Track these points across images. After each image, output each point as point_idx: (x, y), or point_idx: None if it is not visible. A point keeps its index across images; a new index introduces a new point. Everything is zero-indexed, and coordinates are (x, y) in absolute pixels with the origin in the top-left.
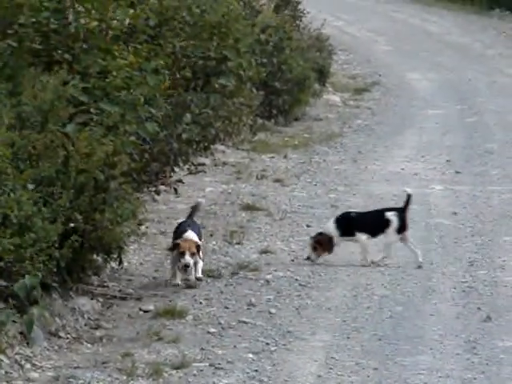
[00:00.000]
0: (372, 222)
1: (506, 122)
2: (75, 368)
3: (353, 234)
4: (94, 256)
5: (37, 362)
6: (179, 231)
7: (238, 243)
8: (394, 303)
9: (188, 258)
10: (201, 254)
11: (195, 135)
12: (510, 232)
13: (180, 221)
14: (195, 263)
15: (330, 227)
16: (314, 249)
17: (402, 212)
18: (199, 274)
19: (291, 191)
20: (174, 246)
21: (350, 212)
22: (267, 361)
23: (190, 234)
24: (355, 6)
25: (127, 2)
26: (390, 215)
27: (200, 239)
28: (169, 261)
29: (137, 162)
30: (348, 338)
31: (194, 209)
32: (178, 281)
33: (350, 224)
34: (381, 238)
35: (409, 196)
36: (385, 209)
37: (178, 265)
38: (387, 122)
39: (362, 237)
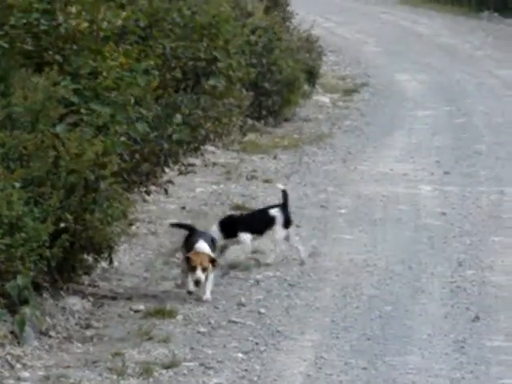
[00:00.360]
0: (256, 221)
1: (495, 123)
2: (66, 367)
3: (236, 235)
4: (85, 256)
5: (27, 362)
6: (191, 241)
7: None
8: (382, 303)
9: (199, 273)
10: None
11: (185, 136)
12: (499, 232)
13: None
14: (206, 277)
15: (214, 231)
16: None
17: (284, 208)
18: (207, 295)
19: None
20: (186, 260)
21: (232, 214)
22: (257, 360)
23: (202, 246)
24: (344, 8)
25: (117, 3)
26: (274, 212)
27: (213, 250)
28: (180, 269)
29: (127, 162)
30: (337, 337)
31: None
32: (191, 287)
33: (233, 226)
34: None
35: (284, 192)
36: (267, 207)
37: (192, 278)
38: (376, 122)
39: (245, 236)
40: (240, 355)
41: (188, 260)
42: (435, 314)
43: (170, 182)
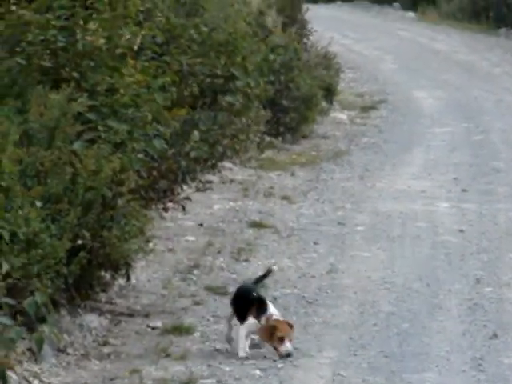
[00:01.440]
0: None
1: None
2: None
3: None
4: (102, 273)
5: (45, 379)
6: (252, 300)
7: (246, 260)
8: (400, 320)
9: (289, 346)
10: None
11: (203, 153)
12: None
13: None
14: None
15: None
16: None
17: None
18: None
19: (298, 208)
20: (270, 329)
21: None
22: (274, 377)
23: (275, 311)
24: (362, 25)
25: (135, 20)
26: None
27: None
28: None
29: (144, 179)
30: (355, 354)
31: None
32: (244, 353)
33: None
34: None
35: None
36: None
37: (279, 351)
38: (394, 139)
39: None
40: (257, 372)
41: (273, 329)
42: (453, 331)
43: (187, 198)
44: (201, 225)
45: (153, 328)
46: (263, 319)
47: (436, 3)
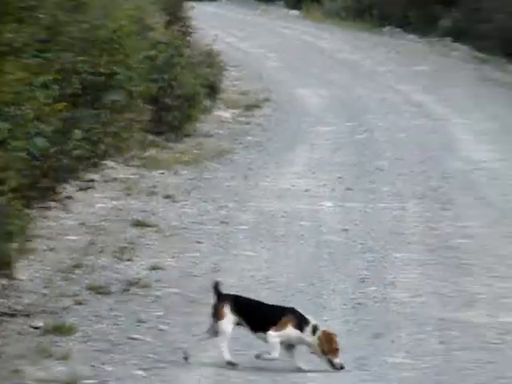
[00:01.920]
0: None
1: (396, 139)
2: None
3: None
4: None
5: None
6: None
7: (128, 259)
8: None
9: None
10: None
11: (85, 151)
12: (401, 249)
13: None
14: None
15: None
16: None
17: None
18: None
19: (181, 207)
20: (329, 341)
21: None
22: (157, 377)
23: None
24: (247, 22)
25: (15, 16)
26: None
27: None
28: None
29: (26, 177)
30: (236, 355)
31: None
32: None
33: None
34: None
35: None
36: None
37: (334, 363)
38: (278, 138)
39: None
40: (140, 372)
41: (331, 341)
42: (337, 330)
43: (69, 197)
44: (83, 224)
45: (35, 328)
46: (307, 330)
47: (320, 2)
